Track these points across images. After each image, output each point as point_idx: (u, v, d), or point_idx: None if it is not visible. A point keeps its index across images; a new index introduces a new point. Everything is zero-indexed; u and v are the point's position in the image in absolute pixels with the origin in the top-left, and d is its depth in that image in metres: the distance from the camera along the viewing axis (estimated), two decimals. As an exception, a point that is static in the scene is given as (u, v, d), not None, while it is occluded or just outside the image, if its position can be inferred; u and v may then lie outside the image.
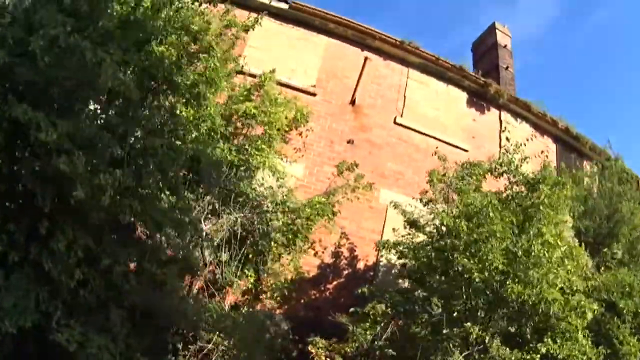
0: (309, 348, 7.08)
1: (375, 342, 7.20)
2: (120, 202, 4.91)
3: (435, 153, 8.55)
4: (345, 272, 9.46)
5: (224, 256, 7.36)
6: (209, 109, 6.80)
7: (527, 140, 8.13)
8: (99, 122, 5.10)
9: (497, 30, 14.46)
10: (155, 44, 5.55)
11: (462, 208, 7.69)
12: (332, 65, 11.19)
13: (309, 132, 9.10)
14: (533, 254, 7.13)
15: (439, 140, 11.01)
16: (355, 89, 11.00)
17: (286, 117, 8.47)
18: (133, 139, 5.13)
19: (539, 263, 7.12)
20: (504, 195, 8.21)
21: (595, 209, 9.70)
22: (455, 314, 7.21)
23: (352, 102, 10.90)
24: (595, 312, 7.87)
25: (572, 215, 9.63)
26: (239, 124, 8.11)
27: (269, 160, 7.83)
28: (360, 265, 9.64)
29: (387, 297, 7.60)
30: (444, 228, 7.59)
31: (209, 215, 7.37)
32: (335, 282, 9.31)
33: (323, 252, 8.77)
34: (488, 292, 7.28)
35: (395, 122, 11.13)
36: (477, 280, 7.01)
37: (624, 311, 8.25)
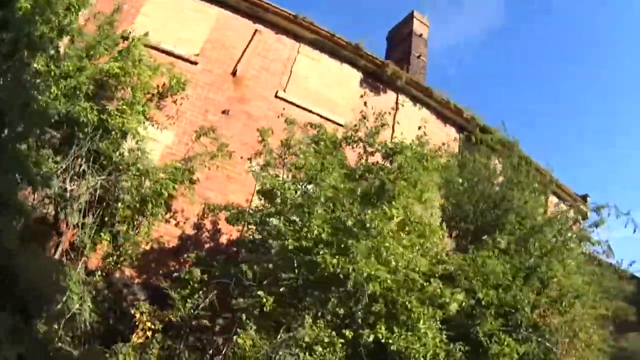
0: (132, 312, 6.62)
1: (192, 310, 6.52)
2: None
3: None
4: (207, 245, 8.71)
5: (89, 219, 7.14)
6: (67, 65, 6.90)
7: (424, 126, 7.76)
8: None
9: (414, 19, 13.57)
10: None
11: (294, 171, 7.08)
12: (220, 36, 10.64)
13: (183, 100, 9.03)
14: (367, 225, 5.90)
15: (323, 117, 10.05)
16: (239, 61, 10.41)
17: (164, 85, 8.54)
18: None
19: (369, 236, 5.85)
20: (359, 164, 7.18)
21: (483, 195, 8.39)
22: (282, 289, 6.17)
23: (234, 73, 10.31)
24: (464, 303, 6.65)
25: (450, 199, 8.39)
26: (110, 86, 7.84)
27: (128, 123, 7.45)
28: (224, 239, 8.74)
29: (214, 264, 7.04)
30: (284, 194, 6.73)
31: (75, 177, 7.11)
32: (195, 255, 8.29)
33: (184, 223, 8.41)
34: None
35: (276, 96, 10.39)
36: (290, 248, 5.89)
37: (490, 303, 6.89)
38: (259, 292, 5.89)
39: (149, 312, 6.60)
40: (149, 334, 6.41)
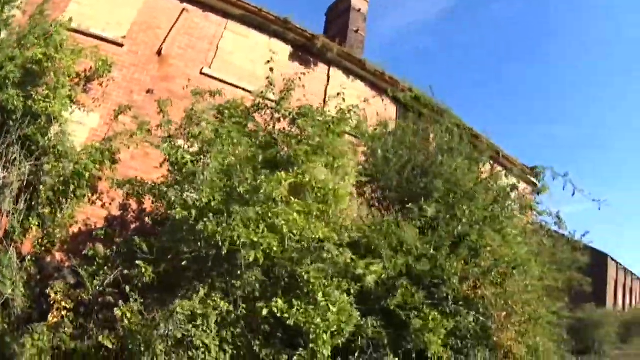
0: (48, 291, 6.51)
1: (98, 287, 6.41)
2: None
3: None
4: (133, 225, 8.40)
5: (21, 205, 7.12)
6: None
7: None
8: None
9: (353, -6, 12.93)
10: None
11: (192, 140, 6.69)
12: (147, 17, 10.30)
13: (109, 83, 9.05)
14: (261, 191, 5.34)
15: (248, 91, 9.41)
16: (164, 40, 10.08)
17: (91, 68, 8.61)
18: None
19: (259, 202, 5.28)
20: (265, 131, 6.64)
21: (411, 162, 7.80)
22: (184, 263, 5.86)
23: (159, 53, 10.01)
24: (383, 275, 6.11)
25: (378, 167, 7.80)
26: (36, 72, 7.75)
27: (51, 107, 7.37)
28: (149, 219, 8.22)
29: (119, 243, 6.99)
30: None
31: (7, 164, 7.13)
32: (123, 237, 8.13)
33: (110, 204, 8.19)
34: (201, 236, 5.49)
35: (201, 73, 9.99)
36: (178, 217, 5.53)
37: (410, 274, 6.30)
38: (138, 262, 5.59)
39: (63, 292, 6.55)
40: (64, 313, 6.39)
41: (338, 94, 7.36)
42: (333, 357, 6.01)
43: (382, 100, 10.51)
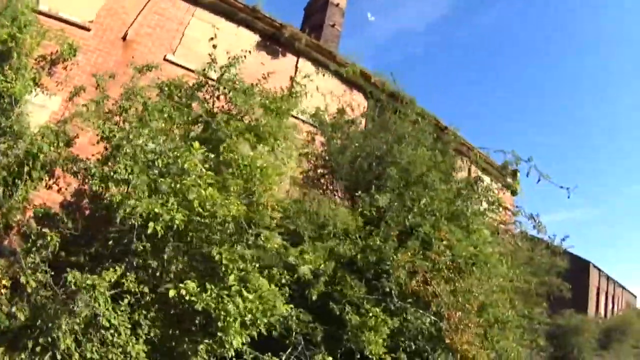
0: None
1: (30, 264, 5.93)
2: None
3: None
4: (87, 211, 7.89)
5: None
6: None
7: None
8: None
9: (332, -12, 12.60)
10: None
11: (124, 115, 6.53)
12: (115, 2, 10.04)
13: (73, 66, 8.91)
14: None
15: (211, 79, 9.09)
16: (131, 25, 9.88)
17: (56, 51, 8.46)
18: None
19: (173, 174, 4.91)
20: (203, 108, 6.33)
21: (365, 150, 7.34)
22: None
23: (124, 38, 9.82)
24: (321, 266, 5.62)
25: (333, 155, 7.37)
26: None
27: (12, 88, 7.20)
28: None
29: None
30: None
31: None
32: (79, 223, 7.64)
33: (66, 189, 7.75)
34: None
35: (165, 59, 9.72)
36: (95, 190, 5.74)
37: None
38: (44, 230, 5.46)
39: (1, 269, 6.27)
40: (3, 291, 6.10)
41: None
42: (262, 351, 5.53)
43: (352, 93, 10.08)
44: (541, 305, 9.53)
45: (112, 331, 4.91)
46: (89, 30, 9.61)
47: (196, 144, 5.07)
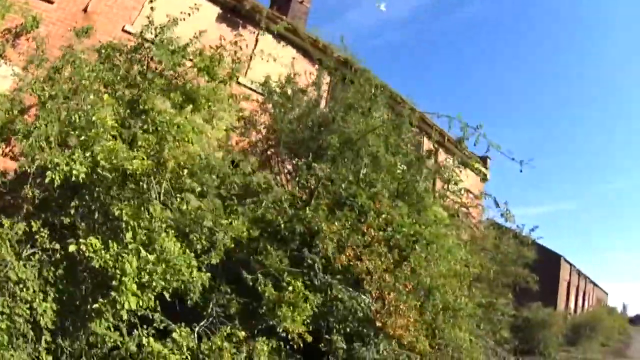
0: None
1: None
2: None
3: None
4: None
5: None
6: None
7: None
8: None
9: (302, -35, 12.24)
10: None
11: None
12: None
13: (36, 38, 8.70)
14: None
15: None
16: None
17: (21, 24, 8.44)
18: None
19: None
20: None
21: (307, 118, 6.91)
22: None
23: (85, 10, 9.81)
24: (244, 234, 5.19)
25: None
26: None
27: None
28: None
29: None
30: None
31: None
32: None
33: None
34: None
35: (123, 30, 9.69)
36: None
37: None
38: None
39: None
40: None
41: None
42: (176, 320, 5.12)
43: (314, 66, 9.69)
44: (506, 296, 8.96)
45: (20, 285, 4.65)
46: (52, 2, 9.54)
47: (106, 97, 4.75)
